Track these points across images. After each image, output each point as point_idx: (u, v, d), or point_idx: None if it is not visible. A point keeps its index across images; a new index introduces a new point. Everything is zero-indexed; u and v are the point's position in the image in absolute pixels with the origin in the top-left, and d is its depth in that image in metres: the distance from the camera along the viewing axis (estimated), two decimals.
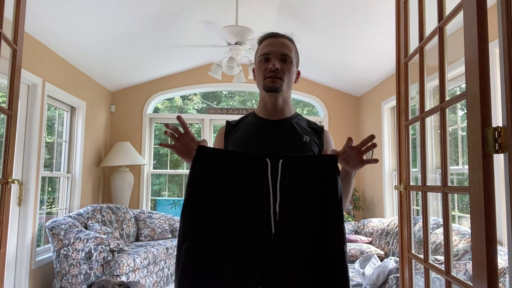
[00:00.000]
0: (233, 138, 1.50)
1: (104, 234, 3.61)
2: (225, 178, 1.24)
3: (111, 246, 3.35)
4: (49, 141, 4.12)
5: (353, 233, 4.40)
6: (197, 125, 6.38)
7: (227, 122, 1.58)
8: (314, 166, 1.24)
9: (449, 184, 1.37)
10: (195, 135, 1.41)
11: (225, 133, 1.54)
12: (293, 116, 1.54)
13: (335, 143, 1.63)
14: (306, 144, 1.45)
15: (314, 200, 1.22)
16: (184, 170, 6.01)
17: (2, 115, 1.73)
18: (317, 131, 1.54)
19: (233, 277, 1.19)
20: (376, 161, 1.29)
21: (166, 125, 1.31)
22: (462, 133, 3.41)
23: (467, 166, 1.26)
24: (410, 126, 1.74)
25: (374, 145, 1.27)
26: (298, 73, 1.56)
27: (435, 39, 1.45)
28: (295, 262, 1.20)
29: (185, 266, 1.21)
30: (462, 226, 3.15)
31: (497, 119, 2.50)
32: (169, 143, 1.35)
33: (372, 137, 1.26)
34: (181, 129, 1.34)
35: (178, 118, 1.32)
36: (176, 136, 1.33)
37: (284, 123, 1.50)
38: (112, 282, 2.41)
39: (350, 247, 3.77)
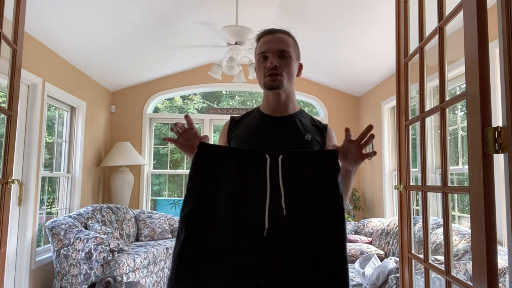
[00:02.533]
0: (236, 134, 1.51)
1: (104, 234, 3.61)
2: (225, 174, 1.25)
3: (111, 246, 3.35)
4: (49, 141, 4.12)
5: (353, 233, 4.40)
6: (197, 125, 6.38)
7: (231, 117, 1.59)
8: (314, 162, 1.24)
9: (449, 184, 1.37)
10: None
11: (229, 128, 1.56)
12: (296, 113, 1.53)
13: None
14: (307, 142, 1.44)
15: (314, 196, 1.22)
16: (184, 170, 6.01)
17: (2, 115, 1.73)
18: (320, 129, 1.53)
19: (229, 271, 1.20)
20: (375, 153, 1.27)
21: (175, 124, 1.34)
22: (462, 133, 3.41)
23: (467, 166, 1.26)
24: (410, 126, 1.74)
25: (373, 136, 1.24)
26: (301, 66, 1.55)
27: (435, 39, 1.45)
28: (295, 257, 1.20)
29: (180, 258, 1.22)
30: (462, 226, 3.15)
31: (497, 119, 2.50)
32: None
33: (370, 127, 1.24)
34: (186, 126, 1.36)
35: (186, 117, 1.35)
36: (180, 131, 1.35)
37: (286, 120, 1.50)
38: (113, 276, 2.49)
39: (350, 247, 3.77)
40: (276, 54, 1.44)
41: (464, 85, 1.19)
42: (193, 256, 1.21)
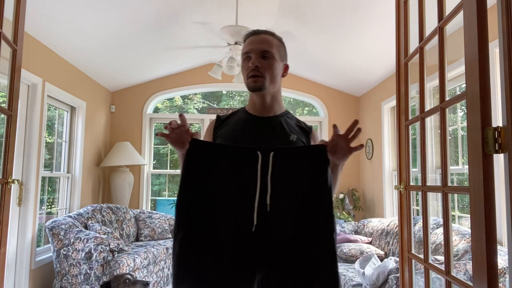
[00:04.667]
0: (222, 133, 1.53)
1: (104, 234, 3.61)
2: (217, 171, 1.26)
3: (111, 246, 3.35)
4: (49, 141, 4.12)
5: (353, 233, 4.40)
6: (197, 124, 6.38)
7: (218, 116, 1.60)
8: (304, 157, 1.26)
9: (449, 184, 1.37)
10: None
11: (215, 127, 1.57)
12: (282, 114, 1.56)
13: None
14: (292, 143, 1.47)
15: (304, 191, 1.24)
16: None
17: (2, 115, 1.73)
18: (305, 130, 1.56)
19: (227, 266, 1.22)
20: (362, 146, 1.31)
21: (170, 123, 1.35)
22: (462, 133, 3.41)
23: (467, 166, 1.26)
24: (410, 126, 1.74)
25: (359, 130, 1.28)
26: (286, 67, 1.55)
27: (435, 39, 1.45)
28: (283, 253, 1.22)
29: (180, 257, 1.23)
30: (462, 226, 3.15)
31: (497, 119, 2.50)
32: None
33: (356, 122, 1.28)
34: (179, 123, 1.37)
35: (181, 116, 1.37)
36: (173, 128, 1.36)
37: (272, 120, 1.52)
38: (127, 273, 2.56)
39: (350, 247, 3.77)
40: (258, 54, 1.45)
41: (464, 85, 1.19)
42: (192, 253, 1.23)
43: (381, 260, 3.31)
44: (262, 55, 1.45)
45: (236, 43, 3.52)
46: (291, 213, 1.23)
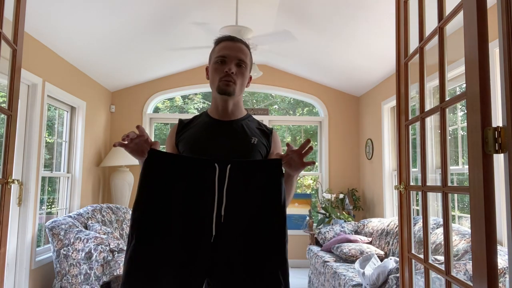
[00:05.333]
0: (184, 137, 1.54)
1: (104, 234, 3.61)
2: (174, 182, 1.28)
3: (111, 246, 3.35)
4: (49, 141, 4.12)
5: (353, 233, 4.40)
6: None
7: (180, 120, 1.63)
8: (260, 170, 1.32)
9: (449, 184, 1.37)
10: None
11: (177, 131, 1.59)
12: (243, 118, 1.59)
13: (334, 142, 1.65)
14: (253, 145, 1.50)
15: (259, 202, 1.29)
16: None
17: (2, 115, 1.73)
18: (266, 133, 1.59)
19: (177, 275, 1.24)
20: (313, 163, 1.42)
21: (127, 134, 1.32)
22: (462, 133, 3.41)
23: (467, 166, 1.26)
24: (410, 126, 1.74)
25: (311, 148, 1.38)
26: (250, 78, 1.62)
27: (435, 39, 1.45)
28: (237, 261, 1.26)
29: (130, 264, 1.25)
30: (462, 226, 3.15)
31: (497, 119, 2.50)
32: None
33: (308, 141, 1.38)
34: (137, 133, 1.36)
35: (138, 127, 1.36)
36: (132, 138, 1.34)
37: (234, 124, 1.55)
38: None
39: (350, 247, 3.77)
40: (234, 61, 1.50)
41: (464, 85, 1.19)
42: (143, 260, 1.24)
43: (381, 260, 3.31)
44: (238, 63, 1.51)
45: None
46: (243, 225, 1.28)
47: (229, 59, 1.50)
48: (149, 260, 1.24)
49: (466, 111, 1.23)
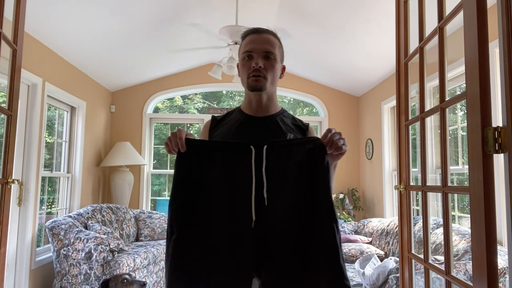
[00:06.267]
0: (218, 134, 1.51)
1: (104, 234, 3.61)
2: (211, 168, 1.25)
3: (111, 246, 3.35)
4: (49, 141, 4.12)
5: (353, 233, 4.40)
6: (197, 125, 6.38)
7: (213, 117, 1.59)
8: (300, 147, 1.25)
9: (449, 184, 1.37)
10: (195, 135, 1.41)
11: (210, 128, 1.56)
12: (278, 113, 1.54)
13: None
14: None
15: (302, 182, 1.22)
16: None
17: (2, 115, 1.73)
18: (302, 128, 1.55)
19: (224, 266, 1.20)
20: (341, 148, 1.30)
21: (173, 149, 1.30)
22: (462, 133, 3.41)
23: (467, 166, 1.26)
24: (410, 126, 1.74)
25: (336, 134, 1.28)
26: (283, 68, 1.55)
27: (435, 39, 1.45)
28: (284, 248, 1.20)
29: (174, 259, 1.21)
30: (462, 226, 3.15)
31: (497, 119, 2.50)
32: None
33: (329, 130, 1.28)
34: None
35: (179, 130, 1.34)
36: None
37: (268, 120, 1.51)
38: (126, 273, 2.58)
39: (350, 247, 3.77)
40: (261, 54, 1.43)
41: (464, 85, 1.19)
42: (187, 254, 1.21)
43: (381, 260, 3.31)
44: (265, 55, 1.44)
45: (235, 43, 3.52)
46: (290, 205, 1.21)
47: (256, 53, 1.43)
48: (194, 253, 1.20)
49: (466, 111, 1.23)
